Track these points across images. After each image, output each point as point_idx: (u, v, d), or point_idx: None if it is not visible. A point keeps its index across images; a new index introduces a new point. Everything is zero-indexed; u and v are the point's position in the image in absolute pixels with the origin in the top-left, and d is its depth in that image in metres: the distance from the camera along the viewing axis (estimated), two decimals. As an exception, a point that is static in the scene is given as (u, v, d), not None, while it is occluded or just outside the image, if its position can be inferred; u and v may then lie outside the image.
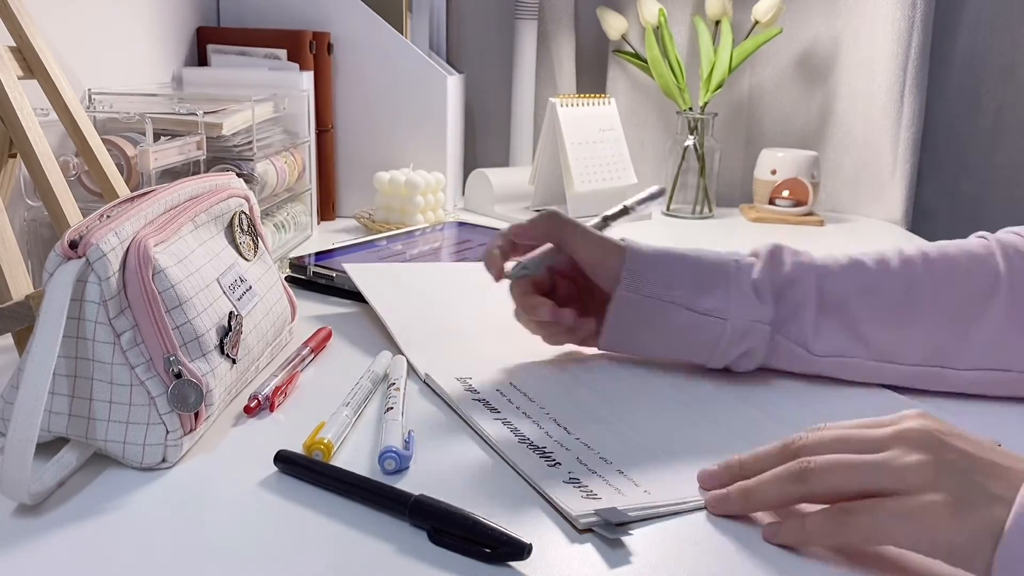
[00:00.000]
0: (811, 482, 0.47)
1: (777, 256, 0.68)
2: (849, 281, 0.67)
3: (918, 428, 0.47)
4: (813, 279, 0.67)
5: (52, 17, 0.88)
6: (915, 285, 0.67)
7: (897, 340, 0.66)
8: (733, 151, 1.52)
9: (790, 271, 0.67)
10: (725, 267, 0.66)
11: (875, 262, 0.68)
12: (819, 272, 0.67)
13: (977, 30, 1.43)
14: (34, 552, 0.46)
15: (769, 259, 0.68)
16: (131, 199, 0.59)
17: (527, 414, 0.63)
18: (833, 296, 0.67)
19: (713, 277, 0.66)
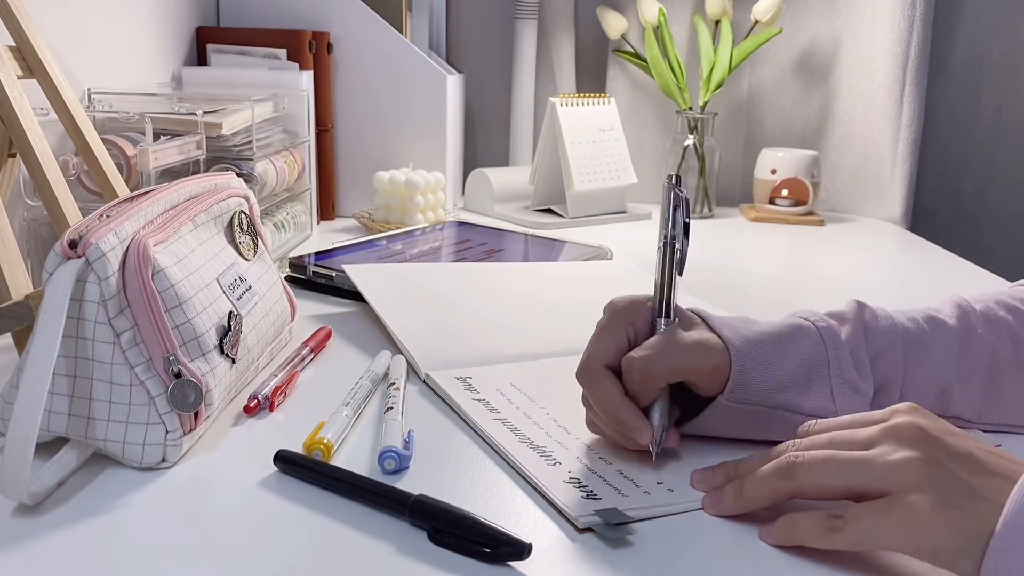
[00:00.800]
0: (798, 478, 0.48)
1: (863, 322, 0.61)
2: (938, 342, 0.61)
3: (907, 424, 0.47)
4: (900, 348, 0.60)
5: (52, 17, 0.88)
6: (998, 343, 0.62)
7: (983, 400, 0.62)
8: (733, 151, 1.52)
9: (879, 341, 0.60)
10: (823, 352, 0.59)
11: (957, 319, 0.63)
12: (905, 337, 0.61)
13: (977, 29, 1.43)
14: (34, 552, 0.46)
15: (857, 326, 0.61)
16: (131, 199, 0.59)
17: (527, 414, 0.63)
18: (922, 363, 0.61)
19: (815, 366, 0.58)
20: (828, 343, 0.59)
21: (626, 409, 0.56)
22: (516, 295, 0.88)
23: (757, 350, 0.58)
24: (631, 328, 0.59)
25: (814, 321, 0.60)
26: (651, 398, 0.57)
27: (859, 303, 0.62)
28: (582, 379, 0.58)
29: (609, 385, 0.57)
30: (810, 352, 0.59)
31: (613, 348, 0.58)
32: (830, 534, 0.46)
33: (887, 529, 0.44)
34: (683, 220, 0.61)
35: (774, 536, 0.49)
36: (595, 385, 0.57)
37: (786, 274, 1.14)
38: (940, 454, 0.45)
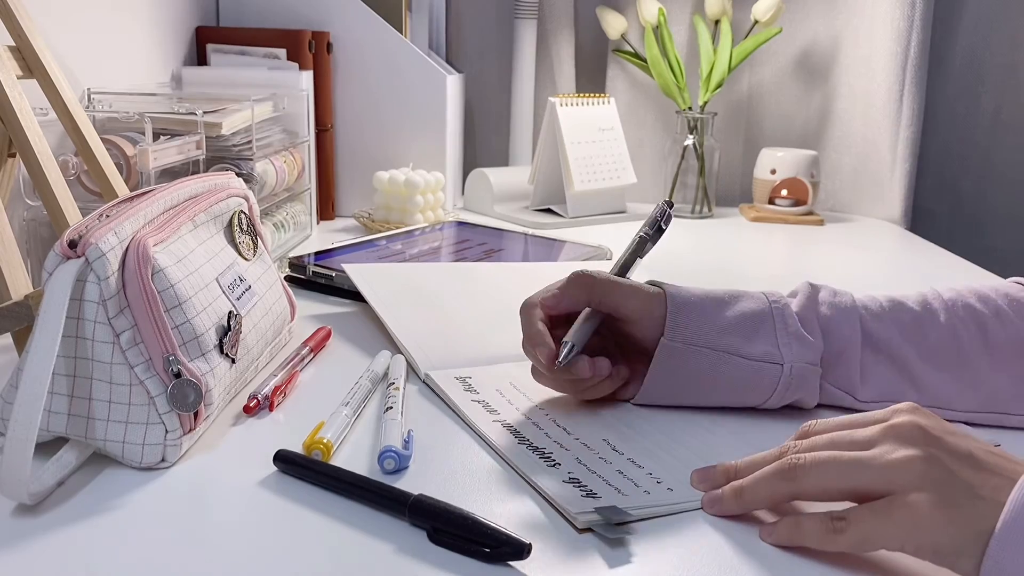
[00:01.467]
0: (799, 479, 0.48)
1: (816, 295, 0.65)
2: (894, 321, 0.64)
3: (907, 423, 0.47)
4: (856, 319, 0.63)
5: (51, 17, 0.88)
6: (963, 327, 0.64)
7: (951, 384, 0.63)
8: (732, 150, 1.52)
9: (832, 311, 0.64)
10: (767, 309, 0.63)
11: (918, 303, 0.65)
12: (861, 312, 0.64)
13: (976, 29, 1.43)
14: (33, 552, 0.46)
15: (809, 297, 0.65)
16: (130, 199, 0.59)
17: (526, 414, 0.63)
18: (880, 337, 0.64)
19: (759, 320, 0.62)
20: (773, 304, 0.63)
21: (539, 332, 0.62)
22: (516, 295, 0.88)
23: (696, 299, 0.63)
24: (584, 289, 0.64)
25: (766, 293, 0.65)
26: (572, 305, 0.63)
27: (812, 283, 0.66)
28: (521, 311, 0.64)
29: (535, 314, 0.63)
30: (753, 308, 0.63)
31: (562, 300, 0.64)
32: (833, 535, 0.46)
33: (888, 529, 0.44)
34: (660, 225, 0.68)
35: (776, 536, 0.49)
36: (525, 314, 0.64)
37: (786, 274, 1.14)
38: (940, 453, 0.45)
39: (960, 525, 0.42)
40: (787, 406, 0.64)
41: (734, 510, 0.51)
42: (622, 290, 0.63)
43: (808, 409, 0.65)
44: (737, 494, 0.51)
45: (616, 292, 0.63)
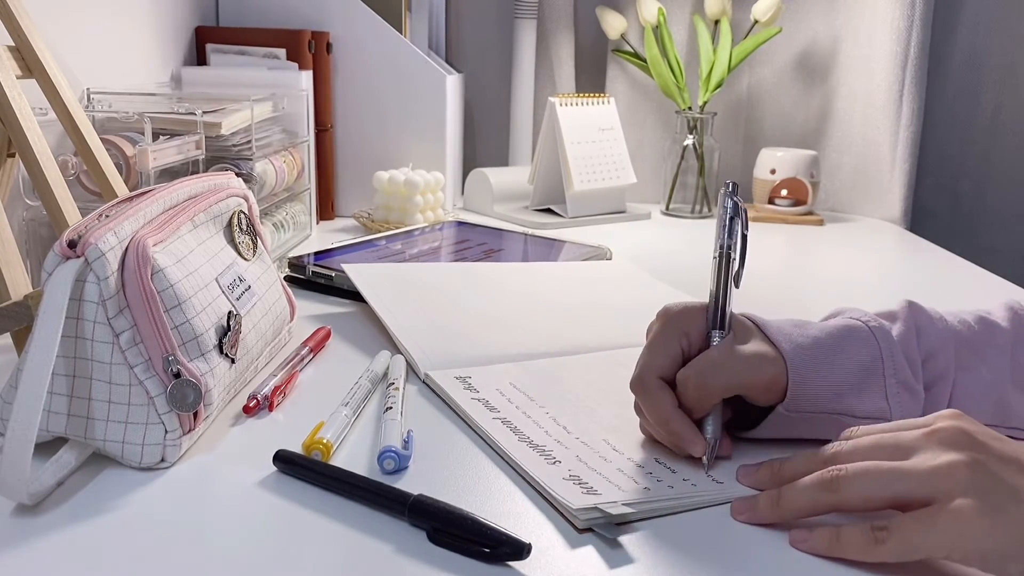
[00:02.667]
0: (842, 491, 0.47)
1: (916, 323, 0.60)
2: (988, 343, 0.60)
3: (950, 428, 0.46)
4: (952, 349, 0.60)
5: (51, 16, 0.88)
6: None
7: None
8: (732, 150, 1.52)
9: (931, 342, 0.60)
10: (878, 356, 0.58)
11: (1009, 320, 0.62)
12: (955, 338, 0.60)
13: (976, 30, 1.43)
14: (33, 552, 0.46)
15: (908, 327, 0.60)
16: (130, 199, 0.59)
17: (526, 413, 0.63)
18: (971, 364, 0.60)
19: (870, 370, 0.58)
20: (882, 344, 0.58)
21: (680, 422, 0.56)
22: (515, 295, 0.88)
23: (812, 357, 0.57)
24: (685, 339, 0.58)
25: (866, 322, 0.59)
26: (706, 412, 0.57)
27: (910, 302, 0.61)
28: (637, 391, 0.58)
29: (663, 397, 0.57)
30: (864, 354, 0.58)
31: (667, 360, 0.58)
32: (874, 546, 0.45)
33: (934, 537, 0.43)
34: (741, 231, 0.60)
35: (812, 545, 0.47)
36: (649, 397, 0.57)
37: (785, 274, 1.14)
38: (985, 457, 0.44)
39: (1007, 531, 0.42)
40: None
41: (770, 519, 0.50)
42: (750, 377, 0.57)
43: None
44: (774, 503, 0.49)
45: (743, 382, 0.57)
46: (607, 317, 0.84)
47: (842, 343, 0.58)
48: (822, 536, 0.47)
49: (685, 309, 0.60)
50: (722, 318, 0.58)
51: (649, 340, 0.59)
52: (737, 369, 0.56)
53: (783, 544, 0.49)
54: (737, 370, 0.56)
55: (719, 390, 0.56)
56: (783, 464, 0.52)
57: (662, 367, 0.57)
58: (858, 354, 0.58)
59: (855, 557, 0.46)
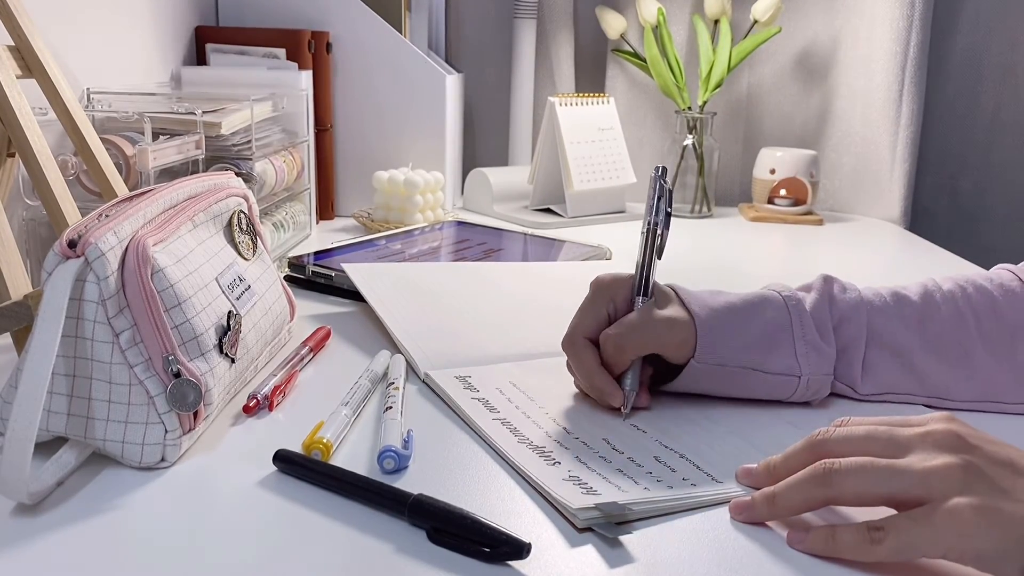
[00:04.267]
0: (835, 485, 0.47)
1: (830, 291, 0.67)
2: (898, 315, 0.66)
3: (945, 430, 0.47)
4: (864, 316, 0.66)
5: (51, 16, 0.88)
6: (961, 319, 0.66)
7: (949, 375, 0.65)
8: (732, 150, 1.52)
9: (842, 309, 0.66)
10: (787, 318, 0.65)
11: (919, 296, 0.67)
12: (868, 308, 0.66)
13: (976, 29, 1.43)
14: (33, 552, 0.46)
15: (822, 295, 0.66)
16: (130, 198, 0.59)
17: (526, 413, 0.63)
18: (883, 331, 0.66)
19: (779, 330, 0.64)
20: (792, 310, 0.65)
21: (601, 376, 0.64)
22: (515, 295, 0.88)
23: (722, 318, 0.64)
24: (611, 304, 0.65)
25: (779, 291, 0.66)
26: (624, 367, 0.64)
27: (825, 276, 0.68)
28: (566, 348, 0.66)
29: (588, 355, 0.64)
30: (774, 317, 0.65)
31: (594, 322, 0.65)
32: (870, 546, 0.45)
33: (930, 537, 0.44)
34: (665, 209, 0.66)
35: (808, 545, 0.48)
36: (576, 354, 0.65)
37: (785, 274, 1.14)
38: (979, 460, 0.45)
39: (1003, 530, 0.42)
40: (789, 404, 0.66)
41: (766, 517, 0.50)
42: (661, 337, 0.63)
43: None
44: (769, 501, 0.50)
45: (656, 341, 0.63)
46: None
47: (754, 308, 0.65)
48: (818, 536, 0.48)
49: (614, 278, 0.67)
50: (645, 286, 0.65)
51: (581, 305, 0.67)
52: (652, 331, 0.63)
53: (783, 544, 0.49)
54: (652, 332, 0.63)
55: (634, 348, 0.63)
56: (778, 461, 0.53)
57: (588, 328, 0.65)
58: (768, 316, 0.65)
59: (852, 557, 0.46)
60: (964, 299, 0.67)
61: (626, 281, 0.66)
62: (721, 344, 0.63)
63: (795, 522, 0.50)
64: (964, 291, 0.67)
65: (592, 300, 0.66)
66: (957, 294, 0.67)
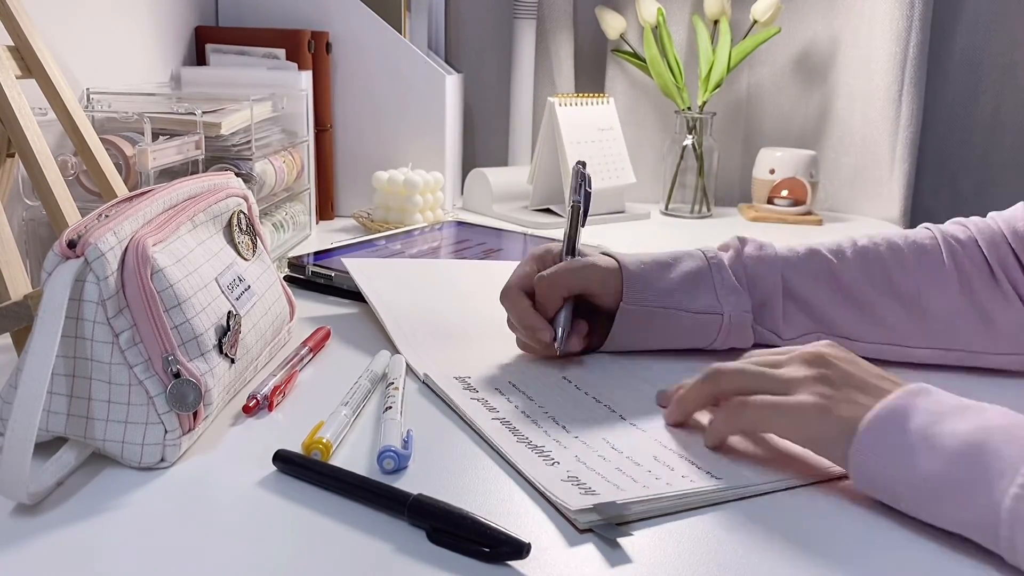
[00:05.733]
0: (719, 382, 0.59)
1: (743, 249, 0.75)
2: (810, 270, 0.74)
3: (812, 350, 0.58)
4: (779, 271, 0.74)
5: (50, 16, 0.88)
6: (870, 272, 0.74)
7: (857, 323, 0.74)
8: (731, 150, 1.52)
9: (758, 264, 0.74)
10: (706, 266, 0.74)
11: (832, 252, 0.75)
12: (783, 264, 0.74)
13: (975, 29, 1.43)
14: (33, 552, 0.46)
15: (738, 252, 0.75)
16: (129, 198, 0.59)
17: (526, 413, 0.63)
18: (797, 285, 0.74)
19: (699, 277, 0.73)
20: (711, 262, 0.74)
21: (534, 317, 0.71)
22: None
23: (646, 265, 0.73)
24: (542, 264, 0.73)
25: (701, 249, 0.75)
26: (556, 307, 0.71)
27: (740, 237, 0.77)
28: (502, 299, 0.73)
29: (521, 300, 0.72)
30: (695, 267, 0.74)
31: (527, 276, 0.72)
32: (736, 418, 0.57)
33: (779, 418, 0.55)
34: (586, 189, 0.75)
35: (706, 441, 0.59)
36: (511, 301, 0.72)
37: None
38: (833, 373, 0.55)
39: (835, 425, 0.52)
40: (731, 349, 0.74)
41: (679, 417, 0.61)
42: (585, 275, 0.72)
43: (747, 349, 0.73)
44: (678, 403, 0.61)
45: (581, 279, 0.72)
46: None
47: (675, 259, 0.74)
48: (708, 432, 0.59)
49: (546, 246, 0.76)
50: (573, 247, 0.74)
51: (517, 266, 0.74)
52: (580, 270, 0.72)
53: (782, 544, 0.49)
54: (580, 271, 0.72)
55: (562, 285, 0.71)
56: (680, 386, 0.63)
57: (522, 281, 0.72)
58: (689, 267, 0.73)
59: (726, 430, 0.58)
60: (875, 254, 0.74)
61: (557, 246, 0.75)
62: (646, 286, 0.72)
63: None
64: (876, 248, 0.75)
65: (526, 261, 0.74)
66: (869, 250, 0.75)
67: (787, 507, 0.53)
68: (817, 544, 0.49)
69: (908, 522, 0.50)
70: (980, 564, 0.47)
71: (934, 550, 0.48)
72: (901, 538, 0.49)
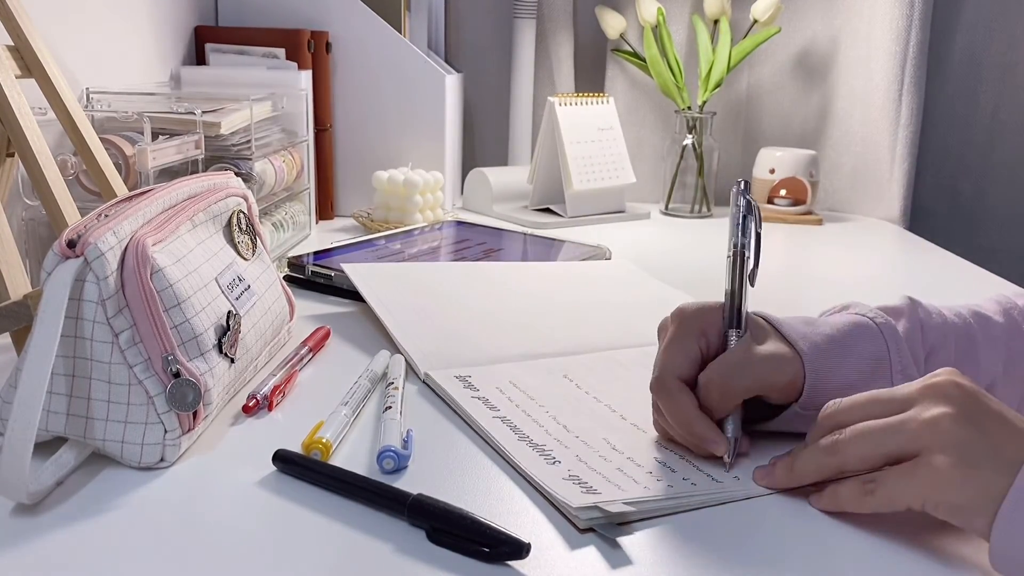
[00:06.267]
0: (841, 453, 0.50)
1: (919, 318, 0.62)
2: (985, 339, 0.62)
3: (945, 381, 0.49)
4: (952, 344, 0.61)
5: (50, 16, 0.88)
6: None
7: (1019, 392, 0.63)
8: (731, 150, 1.52)
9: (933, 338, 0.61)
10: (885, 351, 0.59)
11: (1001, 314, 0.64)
12: (957, 334, 0.62)
13: (975, 29, 1.43)
14: (32, 552, 0.46)
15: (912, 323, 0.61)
16: (129, 198, 0.59)
17: (526, 412, 0.63)
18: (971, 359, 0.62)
19: (877, 364, 0.59)
20: (889, 340, 0.60)
21: (702, 423, 0.57)
22: (515, 295, 0.88)
23: (827, 356, 0.58)
24: (703, 339, 0.59)
25: (873, 318, 0.60)
26: (727, 412, 0.57)
27: (911, 299, 0.63)
28: (657, 392, 0.58)
29: (684, 399, 0.57)
30: (873, 350, 0.59)
31: (686, 360, 0.58)
32: (864, 498, 0.49)
33: (910, 489, 0.47)
34: (755, 229, 0.60)
35: (821, 503, 0.52)
36: (671, 399, 0.58)
37: (784, 274, 1.14)
38: (972, 409, 0.47)
39: (976, 486, 0.45)
40: None
41: (785, 483, 0.54)
42: (769, 379, 0.57)
43: None
44: (787, 469, 0.53)
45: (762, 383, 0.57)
46: (606, 317, 0.84)
47: (853, 340, 0.59)
48: (826, 494, 0.52)
49: (701, 309, 0.60)
50: (739, 317, 0.59)
51: (667, 341, 0.59)
52: (759, 370, 0.57)
53: (782, 544, 0.49)
54: (759, 371, 0.57)
55: (741, 391, 0.57)
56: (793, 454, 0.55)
57: (681, 368, 0.58)
58: (867, 349, 0.59)
59: (850, 509, 0.50)
60: None
61: (715, 311, 0.59)
62: (826, 386, 0.57)
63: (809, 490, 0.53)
64: None
65: (680, 335, 0.59)
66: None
67: (788, 508, 0.53)
68: (818, 545, 0.49)
69: (909, 523, 0.50)
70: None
71: (934, 552, 0.48)
72: (901, 538, 0.49)
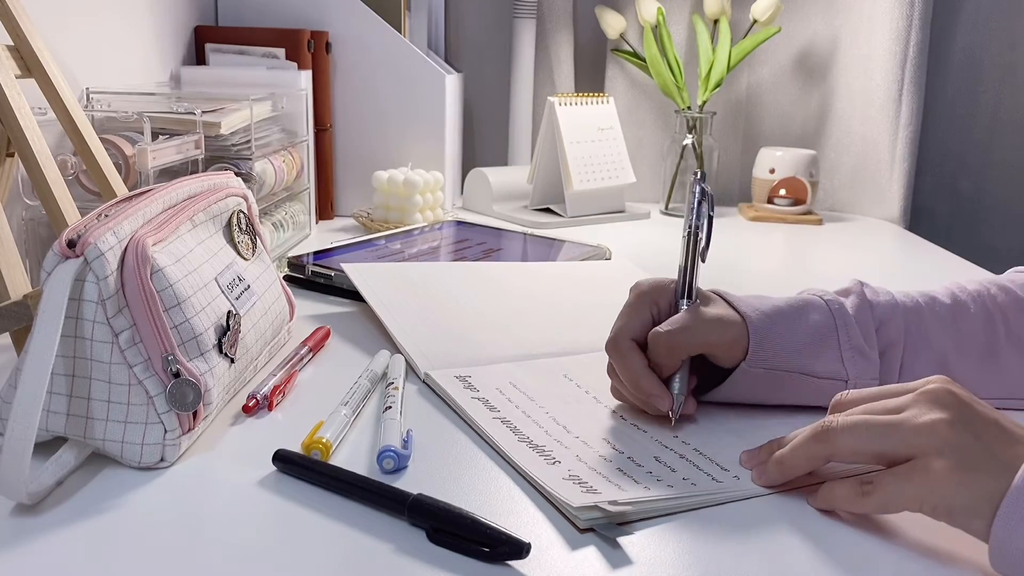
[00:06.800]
0: (832, 441, 0.51)
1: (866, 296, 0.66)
2: (932, 316, 0.66)
3: (940, 389, 0.50)
4: (901, 319, 0.65)
5: (50, 16, 0.88)
6: (990, 319, 0.66)
7: (979, 373, 0.65)
8: (731, 150, 1.52)
9: (881, 313, 0.65)
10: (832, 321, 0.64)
11: (948, 297, 0.67)
12: (903, 310, 0.66)
13: (975, 29, 1.43)
14: (32, 552, 0.46)
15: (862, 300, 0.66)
16: (129, 198, 0.59)
17: (526, 412, 0.63)
18: (919, 333, 0.65)
19: (825, 333, 0.64)
20: (836, 314, 0.64)
21: (649, 380, 0.61)
22: (515, 295, 0.88)
23: (772, 321, 0.63)
24: (655, 307, 0.64)
25: (822, 295, 0.66)
26: (673, 370, 0.62)
27: (861, 282, 0.68)
28: (611, 351, 0.63)
29: (634, 357, 0.62)
30: (820, 321, 0.64)
31: (639, 324, 0.63)
32: (860, 498, 0.49)
33: (908, 492, 0.47)
34: (708, 213, 0.64)
35: (816, 501, 0.52)
36: (622, 357, 0.62)
37: (784, 273, 1.14)
38: (968, 416, 0.48)
39: (974, 489, 0.45)
40: None
41: (778, 479, 0.54)
42: (713, 335, 0.62)
43: None
44: (779, 463, 0.54)
45: (707, 339, 0.62)
46: (606, 317, 0.84)
47: (800, 311, 0.64)
48: (821, 492, 0.52)
49: (655, 282, 0.66)
50: (689, 289, 0.64)
51: (623, 309, 0.65)
52: (703, 328, 0.62)
53: (782, 544, 0.49)
54: (703, 328, 0.62)
55: (686, 347, 0.61)
56: (781, 439, 0.56)
57: (634, 330, 0.63)
58: (814, 322, 0.64)
59: (845, 508, 0.51)
60: (990, 299, 0.67)
61: (668, 285, 0.65)
62: (772, 346, 0.62)
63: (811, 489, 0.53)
64: (988, 291, 0.68)
65: (635, 303, 0.65)
66: (983, 294, 0.67)
67: (788, 508, 0.53)
68: (818, 545, 0.49)
69: (908, 524, 0.50)
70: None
71: (933, 552, 0.48)
72: (901, 538, 0.49)
